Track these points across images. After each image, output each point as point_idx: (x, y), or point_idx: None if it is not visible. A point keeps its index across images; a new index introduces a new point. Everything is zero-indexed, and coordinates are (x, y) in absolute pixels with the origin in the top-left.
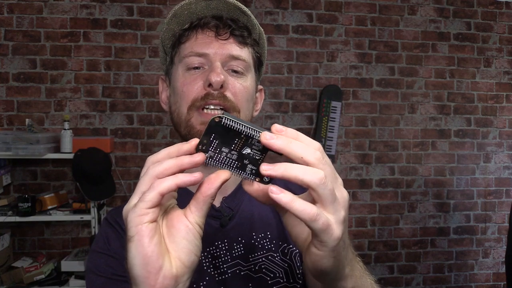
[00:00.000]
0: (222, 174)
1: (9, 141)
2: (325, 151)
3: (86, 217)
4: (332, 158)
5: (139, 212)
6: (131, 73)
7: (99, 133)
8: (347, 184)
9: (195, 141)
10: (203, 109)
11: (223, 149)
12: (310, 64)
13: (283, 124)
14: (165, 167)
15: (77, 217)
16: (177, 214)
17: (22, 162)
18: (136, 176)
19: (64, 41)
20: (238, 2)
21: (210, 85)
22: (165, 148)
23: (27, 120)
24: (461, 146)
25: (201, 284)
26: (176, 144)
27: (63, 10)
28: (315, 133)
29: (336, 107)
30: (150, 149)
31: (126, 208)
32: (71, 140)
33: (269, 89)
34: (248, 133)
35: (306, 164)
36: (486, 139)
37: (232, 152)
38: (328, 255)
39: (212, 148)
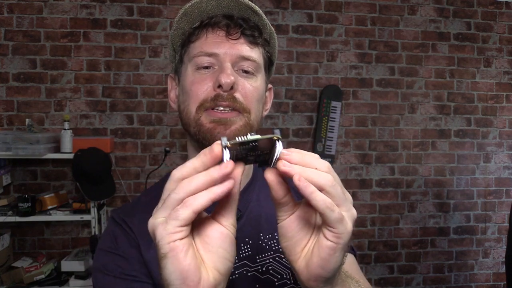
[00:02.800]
0: (238, 170)
1: (9, 141)
2: (325, 151)
3: (86, 217)
4: (332, 158)
5: (171, 230)
6: (131, 73)
7: (99, 133)
8: (347, 184)
9: (217, 148)
10: (212, 109)
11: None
12: (310, 64)
13: (283, 124)
14: (196, 186)
15: (77, 217)
16: (209, 222)
17: (22, 162)
18: (136, 176)
19: (64, 41)
20: (249, 1)
21: (220, 86)
22: (189, 162)
23: (27, 120)
24: (461, 146)
25: None
26: (199, 156)
27: (63, 10)
28: (315, 133)
29: (336, 107)
30: (150, 149)
31: (153, 222)
32: (71, 140)
33: None
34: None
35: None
36: (486, 139)
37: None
38: (341, 248)
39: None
